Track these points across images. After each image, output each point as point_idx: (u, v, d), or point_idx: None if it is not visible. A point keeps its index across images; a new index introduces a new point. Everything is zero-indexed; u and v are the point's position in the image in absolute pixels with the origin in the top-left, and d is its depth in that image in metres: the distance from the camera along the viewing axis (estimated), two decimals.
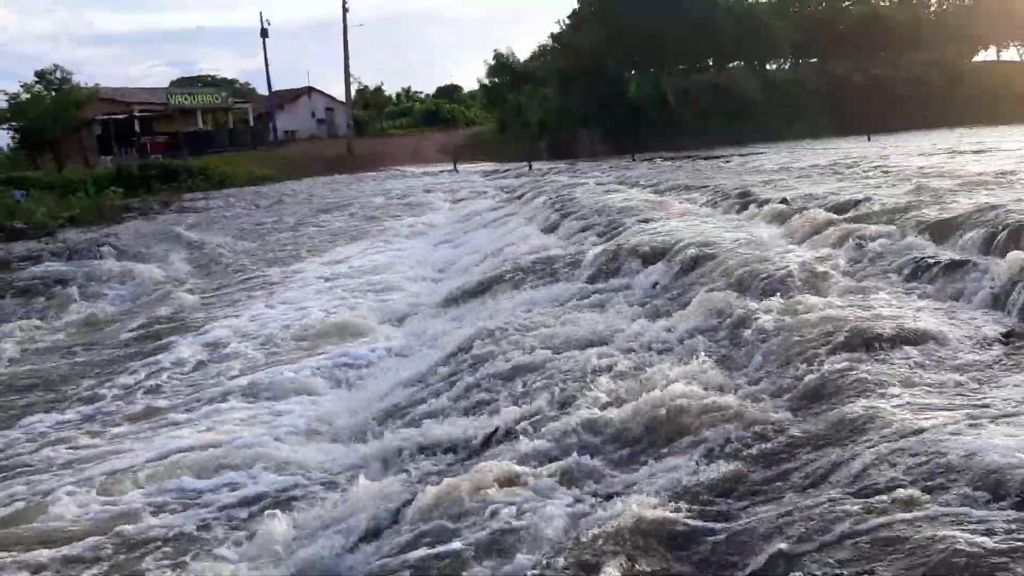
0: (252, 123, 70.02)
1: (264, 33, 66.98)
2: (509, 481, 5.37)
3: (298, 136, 71.70)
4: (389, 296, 13.49)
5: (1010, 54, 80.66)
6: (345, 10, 64.02)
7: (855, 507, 4.06)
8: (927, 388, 5.46)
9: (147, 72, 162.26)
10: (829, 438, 5.00)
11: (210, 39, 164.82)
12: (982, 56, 79.60)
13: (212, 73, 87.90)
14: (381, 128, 79.69)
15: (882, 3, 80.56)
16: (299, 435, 7.47)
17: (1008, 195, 11.53)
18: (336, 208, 31.27)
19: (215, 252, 21.12)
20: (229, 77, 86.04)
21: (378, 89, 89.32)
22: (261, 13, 77.30)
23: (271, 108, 69.00)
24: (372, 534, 5.29)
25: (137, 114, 60.66)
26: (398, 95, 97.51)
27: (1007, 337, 6.30)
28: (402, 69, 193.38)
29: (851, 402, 5.37)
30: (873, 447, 4.63)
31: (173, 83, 79.88)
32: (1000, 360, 5.92)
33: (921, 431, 4.65)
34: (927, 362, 5.99)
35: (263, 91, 71.18)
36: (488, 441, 6.32)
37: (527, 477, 5.39)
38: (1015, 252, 7.63)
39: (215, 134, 63.72)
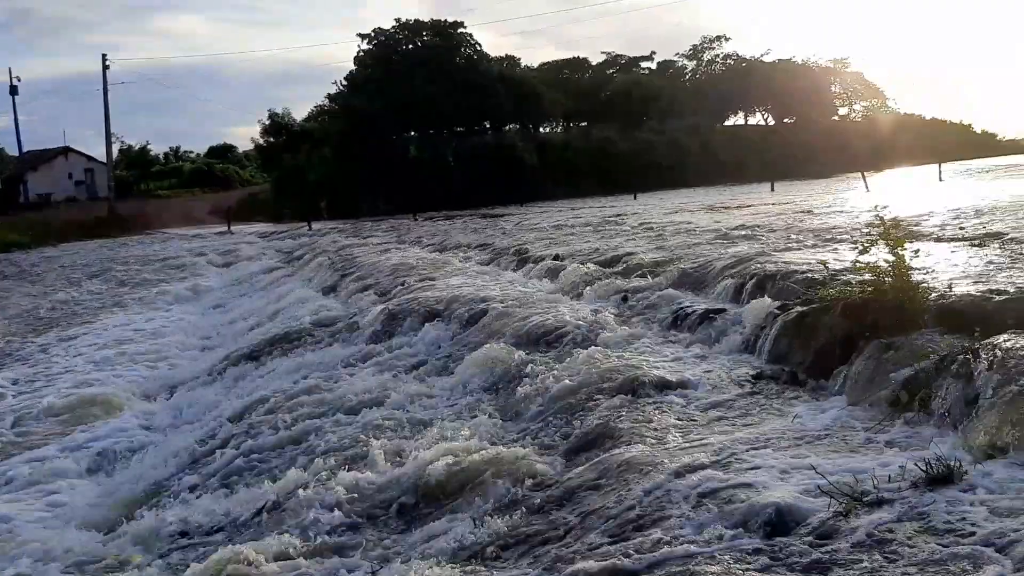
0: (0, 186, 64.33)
1: (13, 90, 62.21)
2: (283, 555, 5.10)
3: (55, 199, 66.48)
4: (153, 367, 12.65)
5: (756, 119, 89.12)
6: (105, 66, 60.47)
7: (628, 549, 4.15)
8: (688, 429, 5.74)
9: None
10: (600, 484, 5.12)
11: None
12: (732, 121, 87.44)
13: None
14: (148, 189, 75.64)
15: (643, 72, 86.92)
16: (46, 526, 6.73)
17: (754, 248, 12.55)
18: (97, 275, 29.14)
19: None
20: None
21: (143, 149, 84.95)
22: (10, 69, 71.62)
23: (22, 169, 63.79)
24: None
25: None
26: (166, 155, 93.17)
27: (756, 378, 6.76)
28: (170, 128, 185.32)
29: (620, 447, 5.55)
30: (639, 489, 4.78)
31: None
32: (750, 399, 6.34)
33: (682, 471, 4.86)
34: (688, 405, 6.32)
35: (14, 151, 65.82)
36: (260, 514, 5.98)
37: (302, 549, 5.15)
38: (760, 300, 8.27)
39: None
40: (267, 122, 68.35)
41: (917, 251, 6.93)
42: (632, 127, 73.00)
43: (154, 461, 7.85)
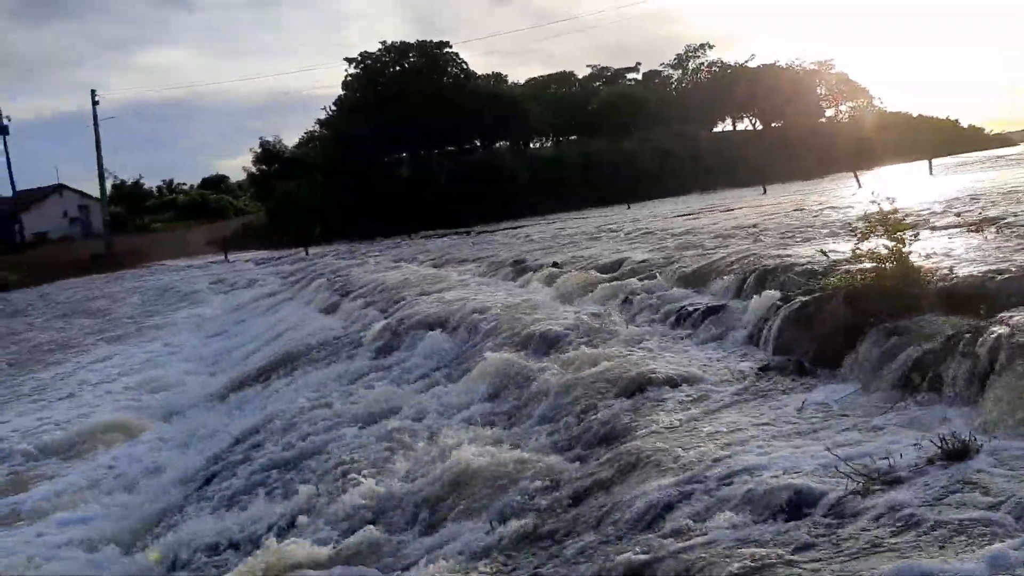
0: None
1: (4, 130, 62.33)
2: (303, 564, 5.09)
3: (50, 236, 66.41)
4: (161, 393, 12.66)
5: (744, 124, 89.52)
6: (95, 102, 60.78)
7: (642, 543, 4.14)
8: (698, 422, 5.73)
9: None
10: (613, 480, 5.11)
11: None
12: (720, 127, 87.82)
13: None
14: (143, 224, 75.61)
15: (629, 83, 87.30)
16: (71, 549, 6.73)
17: (753, 245, 12.57)
18: (97, 309, 29.15)
19: None
20: None
21: (137, 183, 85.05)
22: (0, 109, 71.89)
23: (16, 209, 63.83)
24: None
25: None
26: (159, 188, 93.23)
27: (763, 370, 6.76)
28: (161, 162, 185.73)
29: (631, 443, 5.54)
30: (653, 483, 4.77)
31: None
32: (758, 391, 6.33)
33: (695, 462, 4.85)
34: (696, 399, 6.31)
35: (7, 191, 65.88)
36: (276, 528, 5.97)
37: (323, 558, 5.14)
38: (764, 292, 8.28)
39: None
40: (259, 150, 68.49)
41: (916, 235, 6.96)
42: (621, 138, 73.20)
43: (170, 481, 7.85)
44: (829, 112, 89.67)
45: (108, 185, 66.64)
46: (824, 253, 8.18)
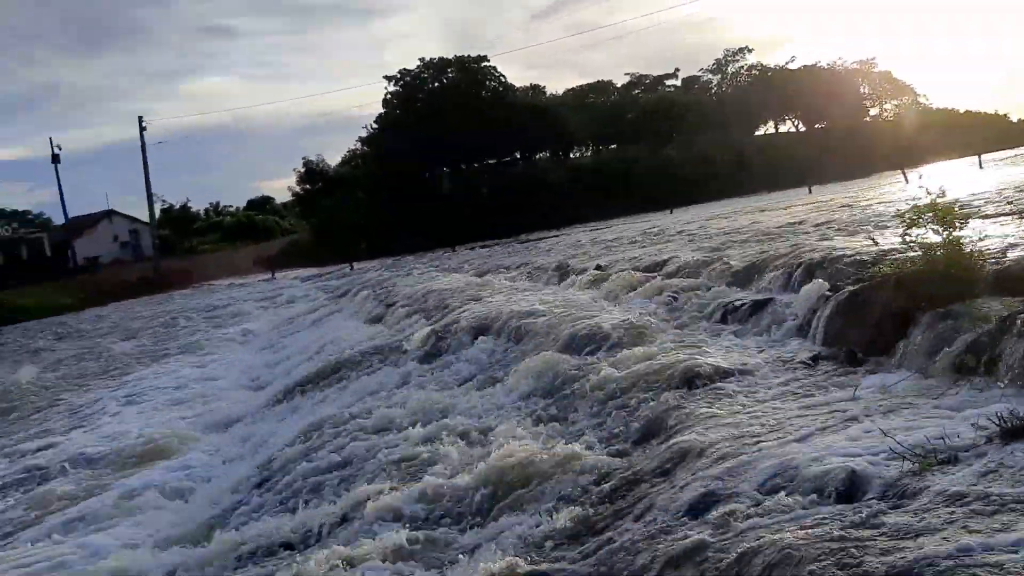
0: (49, 252, 65.92)
1: (56, 159, 63.98)
2: (357, 560, 5.14)
3: (102, 261, 67.89)
4: (213, 405, 12.86)
5: (787, 126, 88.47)
6: (142, 129, 62.03)
7: (696, 527, 4.13)
8: (749, 411, 5.68)
9: None
10: (663, 470, 5.10)
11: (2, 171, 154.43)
12: (762, 130, 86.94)
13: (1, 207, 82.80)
14: (190, 246, 76.91)
15: (668, 90, 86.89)
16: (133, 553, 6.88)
17: (797, 241, 12.41)
18: (148, 329, 29.70)
19: (9, 386, 19.50)
20: (21, 208, 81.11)
21: (184, 206, 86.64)
22: (51, 139, 73.97)
23: (69, 235, 65.41)
24: None
25: None
26: (207, 211, 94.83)
27: (814, 360, 6.68)
28: (209, 184, 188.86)
29: (680, 435, 5.51)
30: (704, 471, 4.75)
31: None
32: (809, 380, 6.26)
33: (748, 448, 4.81)
34: (746, 390, 6.26)
35: (60, 219, 67.70)
36: (330, 527, 6.03)
37: (375, 554, 5.18)
38: (811, 283, 8.17)
39: (6, 267, 59.40)
40: (302, 170, 69.34)
41: (966, 220, 6.83)
42: (661, 145, 72.83)
43: (224, 487, 7.99)
44: (873, 111, 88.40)
45: (157, 209, 67.97)
46: (873, 240, 8.06)
